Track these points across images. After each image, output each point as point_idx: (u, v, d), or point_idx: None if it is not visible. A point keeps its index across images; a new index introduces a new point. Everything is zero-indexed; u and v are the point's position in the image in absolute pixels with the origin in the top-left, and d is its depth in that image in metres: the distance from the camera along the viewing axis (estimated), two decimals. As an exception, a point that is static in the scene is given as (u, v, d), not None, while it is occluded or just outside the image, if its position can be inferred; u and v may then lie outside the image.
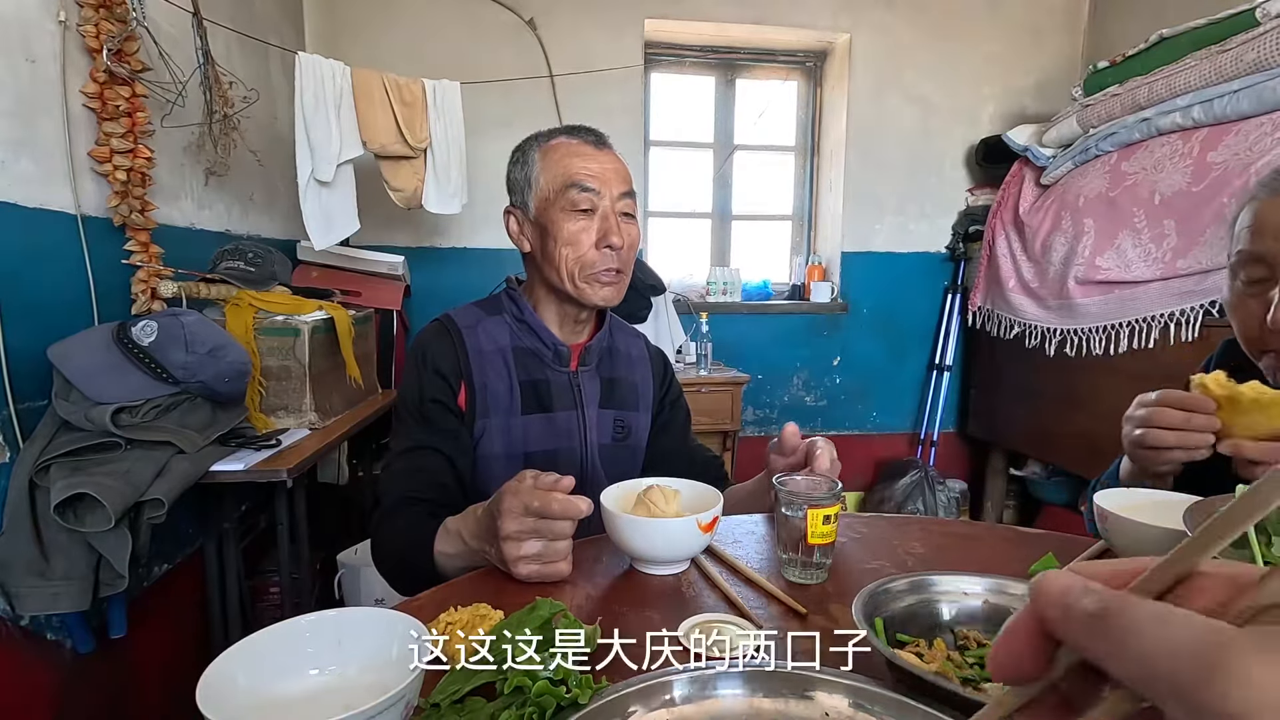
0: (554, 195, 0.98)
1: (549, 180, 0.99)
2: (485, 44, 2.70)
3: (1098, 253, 2.24)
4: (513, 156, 1.05)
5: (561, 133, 1.03)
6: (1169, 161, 2.08)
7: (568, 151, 1.00)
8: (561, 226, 0.97)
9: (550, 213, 0.98)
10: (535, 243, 1.02)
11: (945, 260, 3.14)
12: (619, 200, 1.00)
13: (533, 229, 1.02)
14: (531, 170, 1.00)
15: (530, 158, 1.01)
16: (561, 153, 1.00)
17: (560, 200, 0.98)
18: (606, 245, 0.98)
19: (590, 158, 1.00)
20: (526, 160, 1.02)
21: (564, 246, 0.97)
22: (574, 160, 0.99)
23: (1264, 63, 1.82)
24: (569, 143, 1.01)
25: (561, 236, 0.97)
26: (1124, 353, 2.15)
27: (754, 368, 2.91)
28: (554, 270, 0.99)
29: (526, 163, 1.01)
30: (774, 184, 3.30)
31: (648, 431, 1.12)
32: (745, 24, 2.91)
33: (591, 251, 0.98)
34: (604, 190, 0.98)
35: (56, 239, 1.34)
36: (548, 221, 0.98)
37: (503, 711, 0.46)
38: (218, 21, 1.81)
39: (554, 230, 0.98)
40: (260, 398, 1.66)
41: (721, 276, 3.05)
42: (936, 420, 3.11)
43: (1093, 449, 2.23)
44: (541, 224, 1.00)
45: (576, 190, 0.97)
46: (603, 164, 1.00)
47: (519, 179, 1.02)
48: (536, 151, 1.01)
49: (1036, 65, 3.06)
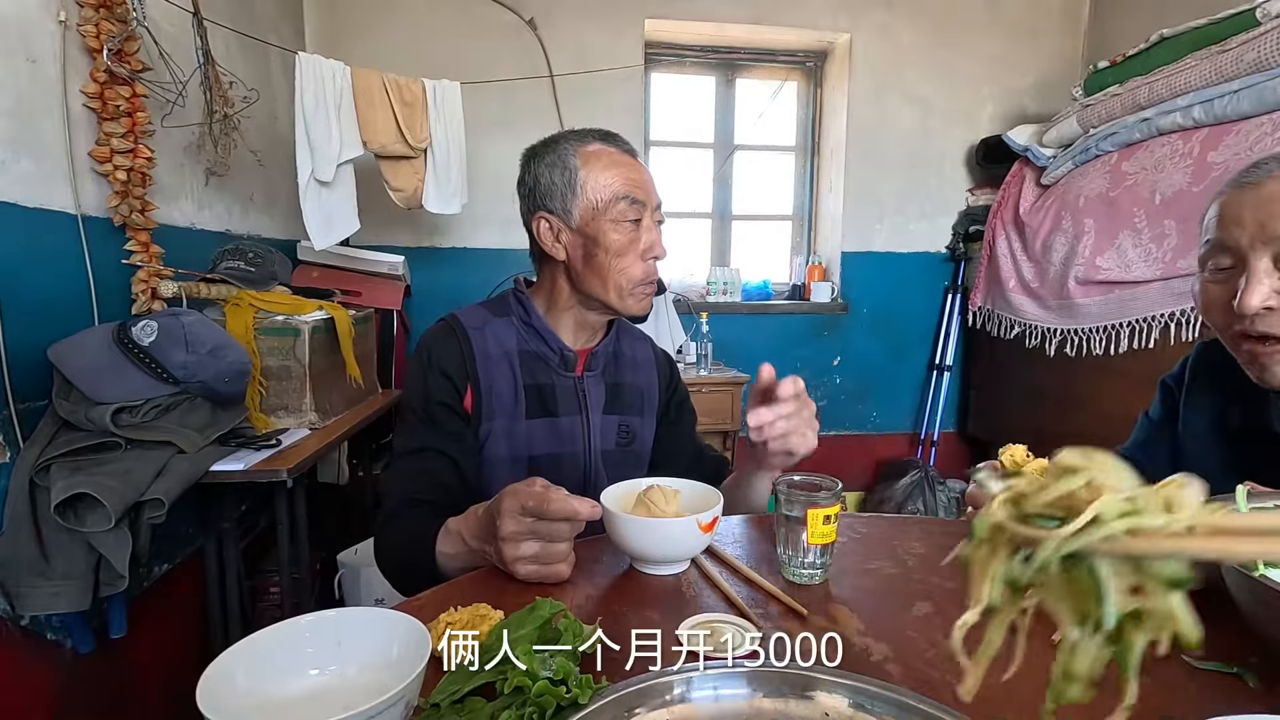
0: (603, 206, 0.96)
1: (596, 189, 0.96)
2: (485, 44, 2.69)
3: (1098, 253, 2.24)
4: (540, 158, 1.00)
5: (595, 138, 1.00)
6: (1169, 161, 2.08)
7: (611, 160, 0.98)
8: (613, 239, 0.96)
9: (599, 223, 0.96)
10: (574, 252, 0.99)
11: (945, 260, 3.14)
12: (655, 211, 1.00)
13: (574, 238, 0.98)
14: (574, 177, 0.97)
15: (570, 163, 0.97)
16: (606, 161, 0.98)
17: (610, 211, 0.96)
18: (653, 256, 0.99)
19: (634, 168, 0.99)
20: (566, 165, 0.97)
21: (614, 258, 0.96)
22: (621, 170, 0.97)
23: (1264, 63, 1.82)
24: (610, 151, 0.99)
25: (613, 249, 0.96)
26: (1124, 353, 2.15)
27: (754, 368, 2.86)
28: (599, 282, 0.98)
29: (566, 168, 0.97)
30: (774, 184, 3.30)
31: (652, 437, 1.12)
32: (745, 24, 2.91)
33: (639, 264, 0.98)
34: (648, 202, 0.98)
35: (56, 239, 1.34)
36: (596, 232, 0.96)
37: (503, 711, 0.46)
38: (218, 21, 1.81)
39: (604, 241, 0.96)
40: (260, 398, 1.66)
41: (721, 276, 3.05)
42: (937, 420, 3.11)
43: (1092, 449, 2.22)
44: (588, 234, 0.97)
45: (627, 202, 0.96)
46: (642, 174, 0.99)
47: (557, 184, 0.97)
48: (576, 157, 0.97)
49: (1036, 65, 3.06)
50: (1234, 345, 0.80)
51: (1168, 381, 0.98)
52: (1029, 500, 0.35)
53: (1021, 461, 0.78)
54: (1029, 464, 0.78)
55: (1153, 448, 0.98)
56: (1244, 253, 0.75)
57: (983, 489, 0.81)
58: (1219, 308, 0.79)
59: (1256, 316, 0.74)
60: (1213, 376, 0.89)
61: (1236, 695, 0.52)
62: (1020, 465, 0.78)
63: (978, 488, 0.83)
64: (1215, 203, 0.80)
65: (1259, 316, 0.74)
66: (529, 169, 1.01)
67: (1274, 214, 0.73)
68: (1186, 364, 0.96)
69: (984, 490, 0.81)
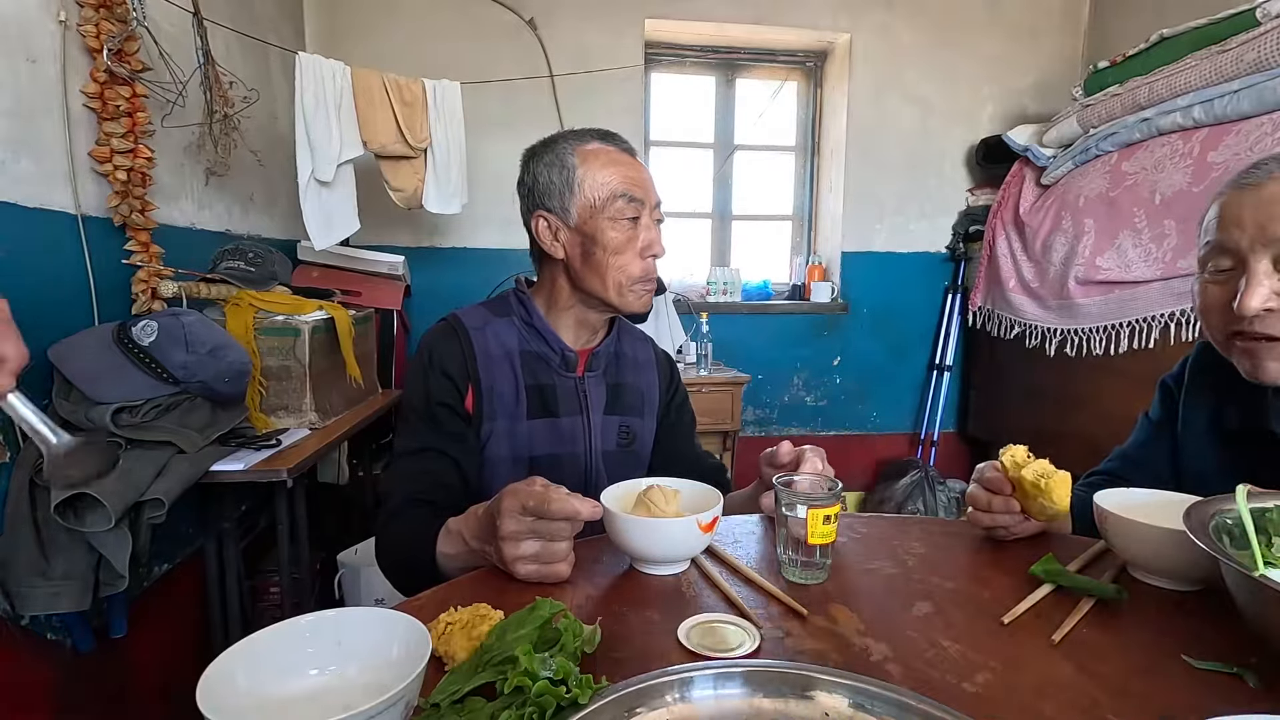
0: (601, 204, 0.97)
1: (594, 188, 0.97)
2: (485, 44, 2.70)
3: (1098, 253, 2.24)
4: (539, 157, 1.01)
5: (594, 137, 1.01)
6: (1169, 161, 2.08)
7: (609, 159, 0.98)
8: (610, 236, 0.97)
9: (597, 221, 0.97)
10: (573, 250, 0.99)
11: (945, 260, 3.14)
12: (654, 209, 1.01)
13: (572, 236, 0.99)
14: (572, 175, 0.98)
15: (568, 162, 0.98)
16: (603, 160, 0.98)
17: (608, 209, 0.97)
18: (651, 254, 0.99)
19: (631, 166, 0.99)
20: (564, 164, 0.98)
21: (612, 256, 0.97)
22: (619, 169, 0.98)
23: (1264, 63, 1.82)
24: (608, 149, 1.00)
25: (611, 246, 0.97)
26: (1124, 353, 2.15)
27: (754, 368, 2.91)
28: (598, 279, 0.98)
29: (564, 167, 0.98)
30: (774, 184, 3.30)
31: (652, 437, 1.12)
32: (745, 24, 2.91)
33: (637, 261, 0.98)
34: (645, 200, 0.98)
35: (57, 239, 1.34)
36: (594, 230, 0.97)
37: (503, 711, 0.46)
38: (218, 21, 1.81)
39: (602, 239, 0.97)
40: (260, 398, 1.66)
41: (722, 276, 3.05)
42: (937, 420, 3.11)
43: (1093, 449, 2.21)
44: (586, 232, 0.98)
45: (625, 200, 0.97)
46: (641, 173, 1.00)
47: (555, 183, 0.98)
48: (574, 156, 0.98)
49: (1036, 65, 3.06)
50: (1227, 345, 0.81)
51: (1167, 382, 0.98)
52: None
53: (1022, 462, 0.78)
54: (1029, 464, 0.78)
55: (1152, 448, 0.98)
56: (1244, 254, 0.75)
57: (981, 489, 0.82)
58: (1218, 309, 0.79)
59: (1256, 318, 0.74)
60: (1212, 377, 0.89)
61: (1236, 695, 0.52)
62: (1021, 465, 0.78)
63: (977, 488, 0.84)
64: (1215, 204, 0.80)
65: (1258, 318, 0.74)
66: (528, 169, 1.02)
67: (1274, 215, 0.73)
68: (1186, 364, 0.96)
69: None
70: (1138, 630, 0.62)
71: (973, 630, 0.62)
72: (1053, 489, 0.75)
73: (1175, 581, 0.71)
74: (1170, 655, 0.57)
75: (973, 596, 0.70)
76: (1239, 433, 0.85)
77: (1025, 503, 0.80)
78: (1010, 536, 0.83)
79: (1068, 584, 0.69)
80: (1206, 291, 0.81)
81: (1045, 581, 0.70)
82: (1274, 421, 0.80)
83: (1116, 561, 0.76)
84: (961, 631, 0.62)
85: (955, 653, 0.58)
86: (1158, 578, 0.72)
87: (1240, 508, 0.61)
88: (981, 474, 0.84)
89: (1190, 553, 0.60)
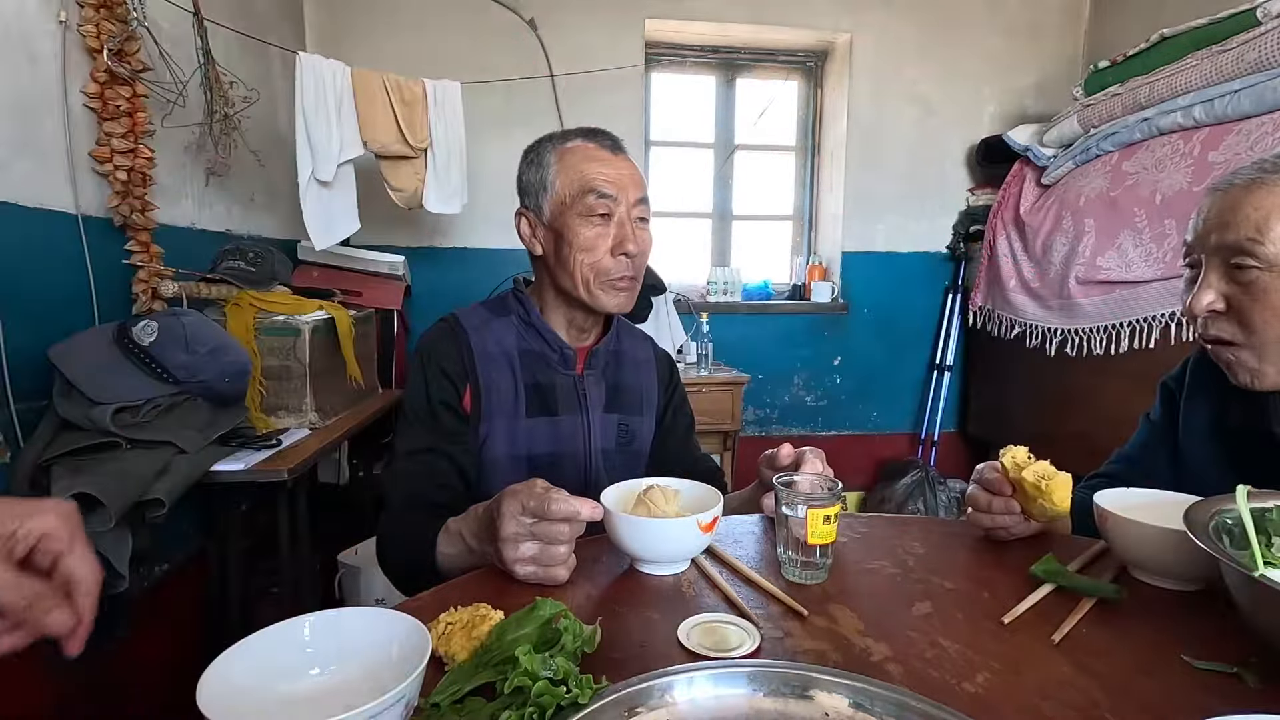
0: (570, 200, 0.97)
1: (565, 185, 0.97)
2: (485, 44, 2.69)
3: (1098, 252, 2.24)
4: (525, 157, 1.03)
5: (577, 135, 1.01)
6: (1170, 161, 2.08)
7: (584, 156, 0.99)
8: (577, 232, 0.97)
9: (566, 217, 0.97)
10: (548, 247, 1.01)
11: (946, 260, 3.14)
12: (635, 206, 0.99)
13: (546, 233, 1.00)
14: (547, 173, 0.99)
15: (545, 160, 0.99)
16: (578, 157, 0.99)
17: (577, 205, 0.97)
18: (622, 252, 0.98)
19: (607, 163, 0.99)
20: (541, 162, 1.00)
21: (579, 252, 0.97)
22: (591, 165, 0.98)
23: (1265, 62, 1.82)
24: (586, 146, 1.00)
25: (577, 242, 0.97)
26: (1125, 353, 2.15)
27: (754, 368, 2.91)
28: (568, 275, 0.98)
29: (541, 165, 0.99)
30: (774, 184, 3.30)
31: (651, 436, 1.12)
32: (745, 24, 2.91)
33: (607, 258, 0.98)
34: (620, 196, 0.98)
35: (57, 239, 1.34)
36: (563, 226, 0.97)
37: (503, 711, 0.46)
38: (218, 21, 1.81)
39: (569, 235, 0.97)
40: (261, 398, 1.66)
41: (722, 276, 3.05)
42: (937, 420, 3.11)
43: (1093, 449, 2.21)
44: (556, 228, 0.98)
45: (594, 196, 0.96)
46: (619, 169, 0.99)
47: (533, 181, 1.00)
48: (552, 154, 0.99)
49: (1036, 65, 3.05)
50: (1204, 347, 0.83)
51: (1168, 383, 0.98)
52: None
53: (1023, 463, 0.78)
54: (1030, 466, 0.78)
55: (1153, 448, 0.98)
56: (1200, 257, 0.77)
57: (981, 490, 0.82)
58: (1187, 309, 0.81)
59: (1206, 320, 0.76)
60: (1212, 377, 0.89)
61: (1236, 695, 0.52)
62: (1021, 467, 0.78)
63: (977, 489, 0.84)
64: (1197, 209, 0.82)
65: (1209, 320, 0.76)
66: (519, 168, 1.04)
67: (1228, 221, 0.74)
68: (1187, 365, 0.96)
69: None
70: (1138, 630, 0.62)
71: (973, 630, 0.62)
72: (1053, 491, 0.75)
73: (1175, 581, 0.71)
74: (1170, 655, 0.57)
75: (973, 596, 0.70)
76: (1239, 433, 0.85)
77: (1026, 504, 0.80)
78: (1010, 537, 0.83)
79: (1068, 584, 0.69)
80: (1185, 292, 0.83)
81: (1045, 581, 0.70)
82: (1274, 422, 0.80)
83: (1116, 561, 0.76)
84: (961, 631, 0.62)
85: (955, 653, 0.58)
86: (1158, 578, 0.72)
87: (1240, 508, 0.61)
88: (981, 475, 0.84)
89: (1190, 553, 0.60)
